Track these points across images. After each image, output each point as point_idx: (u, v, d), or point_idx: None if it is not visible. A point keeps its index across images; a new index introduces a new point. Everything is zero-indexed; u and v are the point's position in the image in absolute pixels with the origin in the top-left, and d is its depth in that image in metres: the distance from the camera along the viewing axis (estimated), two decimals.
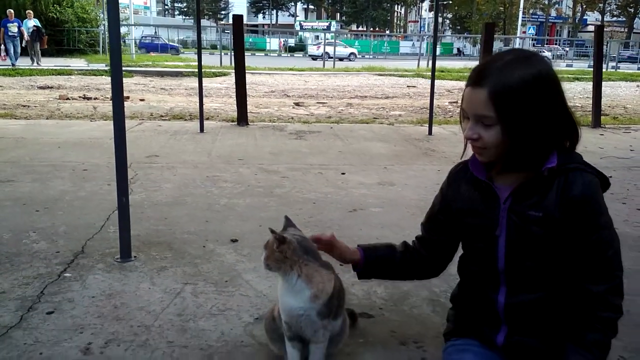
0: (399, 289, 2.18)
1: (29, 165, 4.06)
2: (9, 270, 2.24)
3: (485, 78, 1.23)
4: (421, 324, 1.90)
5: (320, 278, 1.40)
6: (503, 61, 1.24)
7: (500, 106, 1.22)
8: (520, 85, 1.21)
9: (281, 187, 3.72)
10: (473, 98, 1.25)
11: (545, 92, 1.23)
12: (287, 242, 1.38)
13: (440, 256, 1.56)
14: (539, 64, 1.25)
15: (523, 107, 1.21)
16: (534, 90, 1.21)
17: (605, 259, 1.28)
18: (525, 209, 1.29)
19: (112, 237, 2.64)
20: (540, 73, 1.23)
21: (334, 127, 6.57)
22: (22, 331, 1.78)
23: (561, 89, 1.27)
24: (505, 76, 1.22)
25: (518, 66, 1.22)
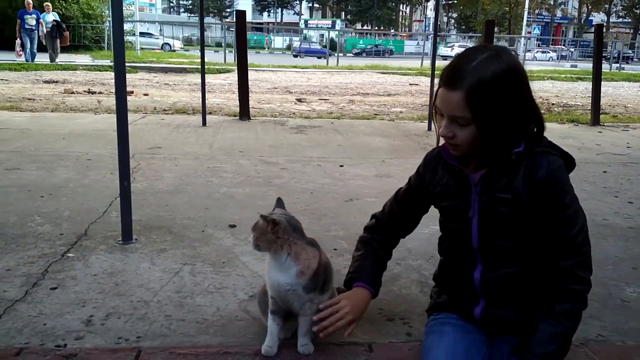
0: (391, 272, 2.24)
1: (34, 155, 4.16)
2: (15, 250, 2.33)
3: (461, 80, 1.26)
4: (408, 303, 1.98)
5: (307, 255, 1.50)
6: (477, 61, 1.27)
7: (475, 107, 1.26)
8: (494, 84, 1.25)
9: (280, 178, 3.80)
10: (448, 99, 1.29)
11: (515, 86, 1.28)
12: (279, 223, 1.47)
13: (404, 230, 1.71)
14: (508, 58, 1.29)
15: (496, 105, 1.26)
16: (506, 86, 1.26)
17: (571, 236, 1.34)
18: (495, 191, 1.37)
19: (114, 221, 2.72)
20: (510, 68, 1.27)
21: (335, 123, 6.64)
22: (26, 304, 1.87)
23: (527, 80, 1.33)
24: (480, 77, 1.25)
25: (490, 65, 1.26)
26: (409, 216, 1.67)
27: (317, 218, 2.93)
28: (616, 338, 1.81)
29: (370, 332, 1.75)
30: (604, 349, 1.74)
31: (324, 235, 2.67)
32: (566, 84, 15.50)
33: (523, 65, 1.40)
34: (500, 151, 1.33)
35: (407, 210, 1.65)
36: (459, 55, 1.33)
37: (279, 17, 64.07)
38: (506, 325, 1.45)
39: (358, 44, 39.59)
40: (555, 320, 1.32)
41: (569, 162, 1.38)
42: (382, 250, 1.70)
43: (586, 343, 1.73)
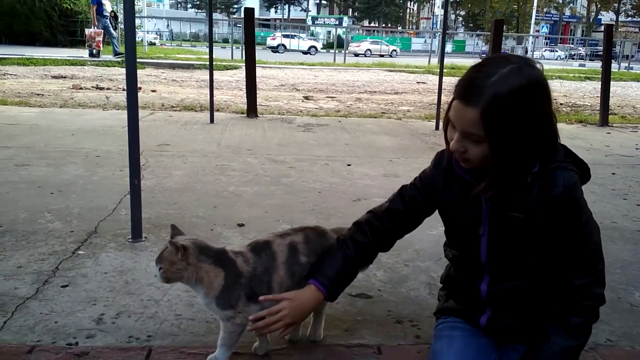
0: (398, 273, 2.26)
1: (43, 151, 4.18)
2: (25, 247, 2.35)
3: (477, 96, 1.19)
4: (417, 305, 1.99)
5: (208, 277, 1.46)
6: (497, 76, 1.19)
7: (491, 127, 1.20)
8: (513, 104, 1.18)
9: (288, 177, 3.81)
10: (463, 115, 1.22)
11: (535, 105, 1.21)
12: (188, 248, 1.44)
13: (403, 230, 1.60)
14: (530, 72, 1.21)
15: (514, 126, 1.20)
16: (525, 105, 1.19)
17: (586, 254, 1.31)
18: (507, 209, 1.32)
19: (124, 219, 2.74)
20: (531, 84, 1.20)
21: (342, 121, 6.64)
22: (38, 302, 1.88)
23: (549, 97, 1.24)
24: (498, 95, 1.18)
25: (511, 81, 1.18)
26: (413, 217, 1.57)
27: (325, 218, 2.94)
28: (625, 343, 1.81)
29: (379, 335, 1.76)
30: (612, 353, 1.74)
31: None
32: (574, 83, 15.41)
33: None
34: (514, 173, 1.27)
35: (412, 210, 1.55)
36: (478, 67, 1.26)
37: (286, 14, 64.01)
38: (513, 333, 1.44)
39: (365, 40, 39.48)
40: (569, 334, 1.31)
41: (584, 173, 1.34)
42: (358, 251, 1.56)
43: (595, 348, 1.74)
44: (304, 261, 1.54)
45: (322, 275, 1.52)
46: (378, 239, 1.58)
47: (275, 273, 1.51)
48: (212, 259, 1.46)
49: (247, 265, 1.49)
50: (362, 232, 1.57)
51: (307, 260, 1.55)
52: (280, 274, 1.51)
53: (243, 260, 1.49)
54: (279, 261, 1.51)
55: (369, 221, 1.58)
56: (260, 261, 1.50)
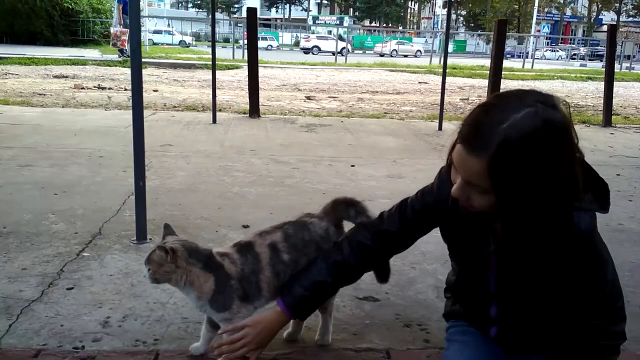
0: (406, 276, 2.25)
1: (46, 151, 4.17)
2: (30, 249, 2.33)
3: (484, 145, 1.04)
4: (425, 308, 1.97)
5: (199, 281, 1.45)
6: (509, 122, 1.03)
7: (500, 180, 1.05)
8: (526, 154, 1.02)
9: (291, 178, 3.79)
10: (467, 164, 1.08)
11: (553, 152, 1.04)
12: (177, 251, 1.43)
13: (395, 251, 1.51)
14: (550, 116, 1.04)
15: (526, 178, 1.04)
16: (540, 155, 1.03)
17: (603, 296, 1.24)
18: (518, 251, 1.20)
19: (128, 220, 2.73)
20: (548, 128, 1.03)
21: (345, 121, 6.63)
22: (43, 305, 1.87)
23: (572, 144, 1.07)
24: (510, 144, 1.02)
25: (525, 126, 1.02)
26: (408, 238, 1.47)
27: None
28: (635, 347, 1.79)
29: (388, 339, 1.74)
30: (622, 357, 1.72)
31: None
32: (576, 83, 15.40)
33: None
34: (526, 226, 1.13)
35: (408, 232, 1.44)
36: (487, 107, 1.10)
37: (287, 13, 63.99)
38: (525, 346, 1.36)
39: (366, 41, 39.46)
40: None
41: (602, 198, 1.18)
42: (336, 273, 1.46)
43: None
44: (287, 259, 1.52)
45: (289, 296, 1.47)
46: (366, 261, 1.49)
47: (262, 274, 1.50)
48: (202, 263, 1.46)
49: (234, 267, 1.48)
50: (347, 253, 1.46)
51: (289, 257, 1.53)
52: (267, 274, 1.50)
53: (230, 262, 1.49)
54: (263, 262, 1.51)
55: (360, 242, 1.47)
56: (246, 262, 1.50)
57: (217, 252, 1.51)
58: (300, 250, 1.54)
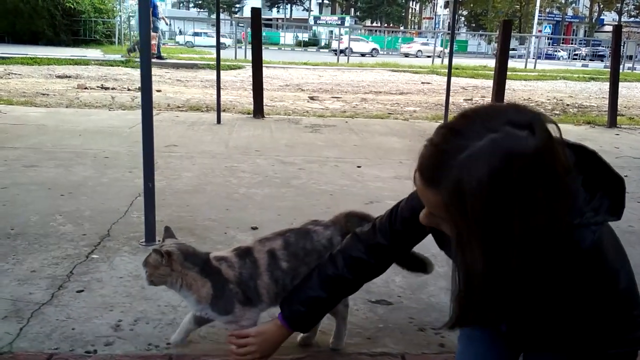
0: (417, 279, 2.22)
1: (51, 152, 4.15)
2: (38, 251, 2.32)
3: (438, 178, 0.91)
4: (439, 312, 1.95)
5: (195, 286, 1.46)
6: (467, 152, 0.88)
7: (459, 217, 0.92)
8: (487, 195, 0.88)
9: (298, 179, 3.77)
10: (425, 195, 0.97)
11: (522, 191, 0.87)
12: (172, 254, 1.44)
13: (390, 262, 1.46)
14: (517, 146, 0.87)
15: (490, 219, 0.89)
16: (505, 196, 0.87)
17: (616, 307, 1.10)
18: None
19: (136, 221, 2.71)
20: (510, 165, 0.87)
21: (349, 122, 6.61)
22: (53, 308, 1.85)
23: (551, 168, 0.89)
24: (465, 184, 0.88)
25: (485, 161, 0.87)
26: (402, 248, 1.41)
27: None
28: None
29: (403, 343, 1.73)
30: None
31: None
32: (579, 84, 15.37)
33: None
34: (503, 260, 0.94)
35: (401, 243, 1.37)
36: (449, 131, 0.95)
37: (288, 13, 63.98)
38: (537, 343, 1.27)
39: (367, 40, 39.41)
40: None
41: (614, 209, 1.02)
42: (327, 290, 1.41)
43: None
44: (285, 267, 1.51)
45: (288, 311, 1.45)
46: (360, 275, 1.43)
47: (260, 279, 1.49)
48: (199, 267, 1.46)
49: (232, 270, 1.48)
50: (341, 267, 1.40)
51: (288, 265, 1.51)
52: (265, 280, 1.50)
53: (227, 266, 1.48)
54: (261, 268, 1.50)
55: (352, 256, 1.40)
56: (245, 267, 1.49)
57: (215, 257, 1.51)
58: (300, 259, 1.53)
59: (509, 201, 0.87)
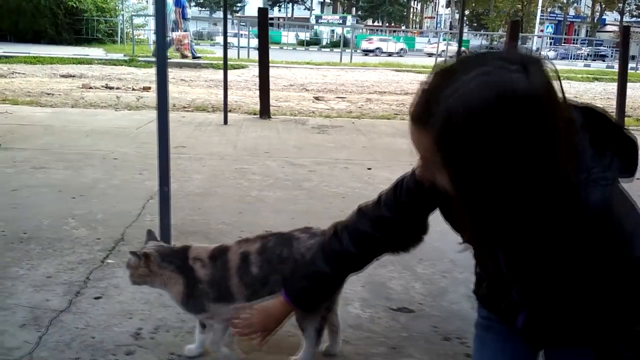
0: (437, 285, 2.20)
1: (59, 153, 4.12)
2: (53, 256, 2.29)
3: (428, 116, 0.88)
4: (462, 320, 1.92)
5: (171, 284, 1.51)
6: (455, 86, 0.85)
7: (452, 161, 0.89)
8: (475, 129, 0.84)
9: (309, 181, 3.74)
10: (416, 137, 0.93)
11: (515, 128, 0.84)
12: (150, 256, 1.49)
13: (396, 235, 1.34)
14: (508, 81, 0.84)
15: (483, 160, 0.86)
16: (494, 131, 0.84)
17: (635, 275, 0.99)
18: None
19: (150, 225, 2.66)
20: (502, 99, 0.83)
21: (356, 122, 6.57)
22: (72, 315, 1.82)
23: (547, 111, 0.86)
24: (453, 115, 0.85)
25: (471, 93, 0.84)
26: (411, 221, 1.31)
27: None
28: None
29: (429, 353, 1.70)
30: None
31: None
32: (583, 84, 15.32)
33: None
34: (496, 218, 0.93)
35: (406, 216, 1.29)
36: (439, 69, 0.92)
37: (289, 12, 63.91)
38: (555, 336, 1.18)
39: None
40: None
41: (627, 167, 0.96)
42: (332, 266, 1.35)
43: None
44: (255, 272, 1.48)
45: (291, 287, 1.39)
46: (366, 250, 1.34)
47: (230, 280, 1.49)
48: (174, 266, 1.50)
49: (204, 271, 1.49)
50: (346, 242, 1.33)
51: (259, 272, 1.49)
52: (235, 281, 1.49)
53: (201, 266, 1.51)
54: (231, 270, 1.49)
55: (358, 229, 1.33)
56: (216, 267, 1.50)
57: (191, 256, 1.53)
58: (273, 266, 1.50)
59: (499, 141, 0.84)
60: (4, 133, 4.70)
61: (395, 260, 2.43)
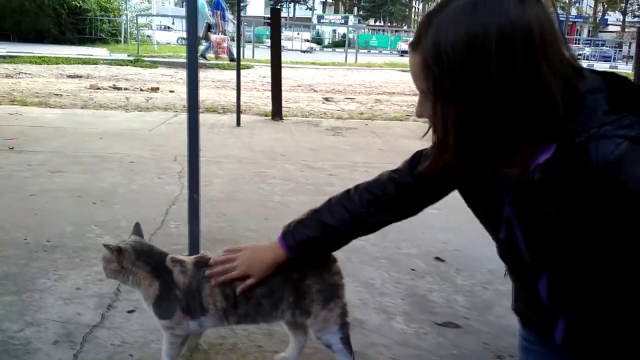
0: (480, 298, 2.12)
1: (74, 156, 4.04)
2: (80, 266, 2.21)
3: (420, 39, 0.89)
4: (513, 336, 1.83)
5: (144, 284, 1.40)
6: (447, 10, 0.86)
7: (433, 82, 0.88)
8: (458, 58, 0.84)
9: (330, 185, 3.66)
10: (411, 61, 0.93)
11: (501, 61, 0.83)
12: (123, 252, 1.39)
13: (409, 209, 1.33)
14: (495, 13, 0.83)
15: (464, 87, 0.85)
16: (480, 62, 0.83)
17: None
18: (537, 203, 0.95)
19: (175, 232, 2.61)
20: (487, 31, 0.82)
21: (369, 124, 6.50)
22: (106, 330, 1.74)
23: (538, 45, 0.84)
24: (438, 41, 0.85)
25: (458, 23, 0.84)
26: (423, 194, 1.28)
27: (383, 233, 2.72)
28: None
29: None
30: None
31: (396, 254, 2.54)
32: None
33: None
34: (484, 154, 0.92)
35: (423, 187, 1.26)
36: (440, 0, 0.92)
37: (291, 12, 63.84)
38: (598, 347, 1.08)
39: (370, 41, 39.28)
40: None
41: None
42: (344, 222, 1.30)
43: None
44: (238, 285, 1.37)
45: (291, 236, 1.33)
46: (375, 210, 1.30)
47: (207, 290, 1.38)
48: (150, 267, 1.40)
49: (183, 277, 1.39)
50: (355, 198, 1.31)
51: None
52: (214, 291, 1.38)
53: (180, 271, 1.40)
54: (213, 281, 1.38)
55: (369, 190, 1.31)
56: (197, 276, 1.40)
57: (172, 258, 1.43)
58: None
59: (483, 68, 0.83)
60: (16, 135, 4.62)
61: (433, 271, 2.35)
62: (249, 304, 1.37)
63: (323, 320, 1.39)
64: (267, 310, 1.38)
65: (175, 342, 1.43)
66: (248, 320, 1.42)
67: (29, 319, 1.79)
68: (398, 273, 2.31)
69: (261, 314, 1.39)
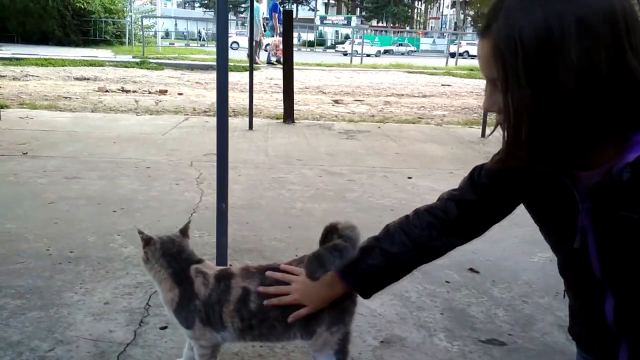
0: (521, 312, 2.05)
1: (90, 162, 3.98)
2: (106, 278, 2.15)
3: (490, 23, 0.85)
4: (561, 354, 1.77)
5: (165, 286, 1.37)
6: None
7: (507, 63, 0.83)
8: (533, 46, 0.80)
9: (351, 192, 3.60)
10: (479, 51, 0.89)
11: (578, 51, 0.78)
12: (149, 244, 1.37)
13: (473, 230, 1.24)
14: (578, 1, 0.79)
15: (543, 65, 0.80)
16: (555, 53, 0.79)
17: None
18: (616, 209, 0.88)
19: (199, 242, 2.54)
20: (587, 8, 0.78)
21: (382, 127, 6.43)
22: (140, 349, 1.68)
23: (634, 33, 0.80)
24: (521, 15, 0.81)
25: (535, 11, 0.80)
26: (488, 211, 1.20)
27: None
28: None
29: None
30: None
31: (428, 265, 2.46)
32: None
33: None
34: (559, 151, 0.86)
35: (487, 203, 1.18)
36: None
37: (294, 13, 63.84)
38: None
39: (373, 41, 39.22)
40: None
41: None
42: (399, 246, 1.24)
43: None
44: (253, 308, 1.32)
45: (352, 271, 1.25)
46: (438, 235, 1.23)
47: (226, 308, 1.34)
48: (172, 270, 1.36)
49: (204, 289, 1.35)
50: (416, 226, 1.24)
51: (257, 308, 1.32)
52: (231, 308, 1.33)
53: (202, 282, 1.35)
54: (231, 298, 1.34)
55: (430, 212, 1.24)
56: (217, 290, 1.35)
57: (197, 268, 1.38)
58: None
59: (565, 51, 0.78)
60: (29, 140, 4.57)
61: (468, 283, 2.28)
62: (262, 327, 1.33)
63: (323, 341, 1.32)
64: (280, 332, 1.34)
65: (205, 353, 1.39)
66: (263, 339, 1.40)
67: (58, 336, 1.72)
68: (432, 285, 2.24)
69: (275, 335, 1.36)
